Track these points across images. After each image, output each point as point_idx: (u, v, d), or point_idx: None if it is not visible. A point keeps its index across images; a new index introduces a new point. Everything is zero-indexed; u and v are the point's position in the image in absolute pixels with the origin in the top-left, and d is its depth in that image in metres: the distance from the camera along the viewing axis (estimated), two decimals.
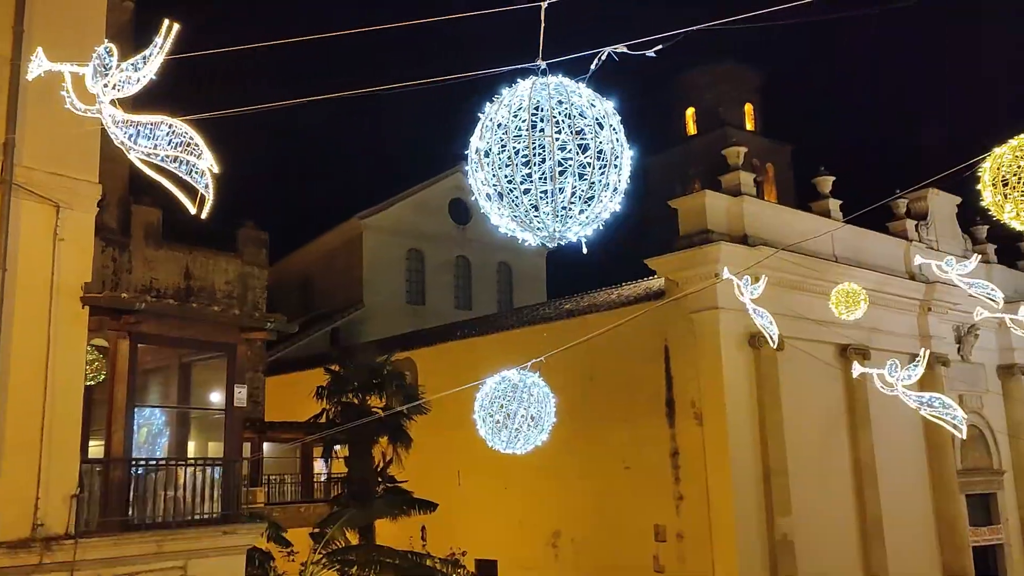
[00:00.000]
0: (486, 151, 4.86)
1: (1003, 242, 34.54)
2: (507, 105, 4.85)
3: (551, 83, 4.82)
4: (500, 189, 4.80)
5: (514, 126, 4.77)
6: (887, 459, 26.35)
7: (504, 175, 4.78)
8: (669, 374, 24.35)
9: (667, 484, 23.83)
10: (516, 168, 4.73)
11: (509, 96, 4.90)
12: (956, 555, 27.77)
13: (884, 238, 29.51)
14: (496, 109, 4.90)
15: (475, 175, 4.94)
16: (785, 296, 23.65)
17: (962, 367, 30.63)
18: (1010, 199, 7.37)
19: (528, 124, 4.76)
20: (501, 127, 4.81)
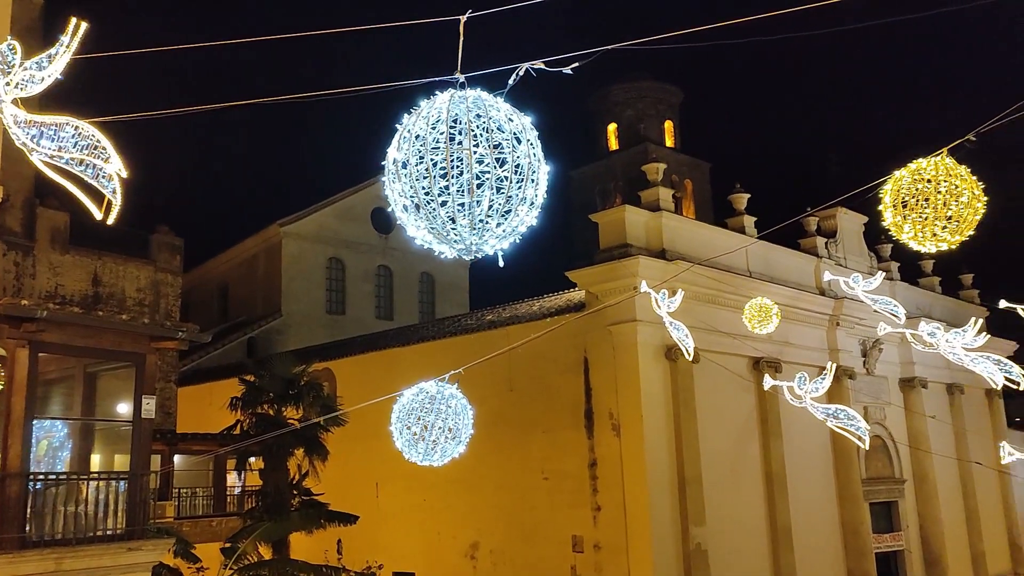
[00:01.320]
0: (403, 162, 4.84)
1: (906, 260, 36.13)
2: (425, 117, 4.85)
3: (469, 96, 4.84)
4: (417, 201, 4.79)
5: (432, 138, 4.77)
6: (797, 468, 27.16)
7: (421, 187, 4.77)
8: (588, 385, 24.59)
9: (585, 495, 24.03)
10: (433, 180, 4.73)
11: (427, 108, 4.89)
12: (860, 561, 28.77)
13: (796, 255, 30.50)
14: (414, 121, 4.89)
15: (392, 186, 4.92)
16: (701, 310, 24.18)
17: (867, 380, 31.83)
18: (908, 220, 7.72)
19: (446, 136, 4.77)
20: (419, 139, 4.80)
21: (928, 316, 30.87)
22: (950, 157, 7.60)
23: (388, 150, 4.97)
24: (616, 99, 58.34)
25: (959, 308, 38.02)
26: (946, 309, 37.17)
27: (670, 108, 59.00)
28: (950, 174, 7.53)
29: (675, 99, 59.59)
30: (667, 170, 30.55)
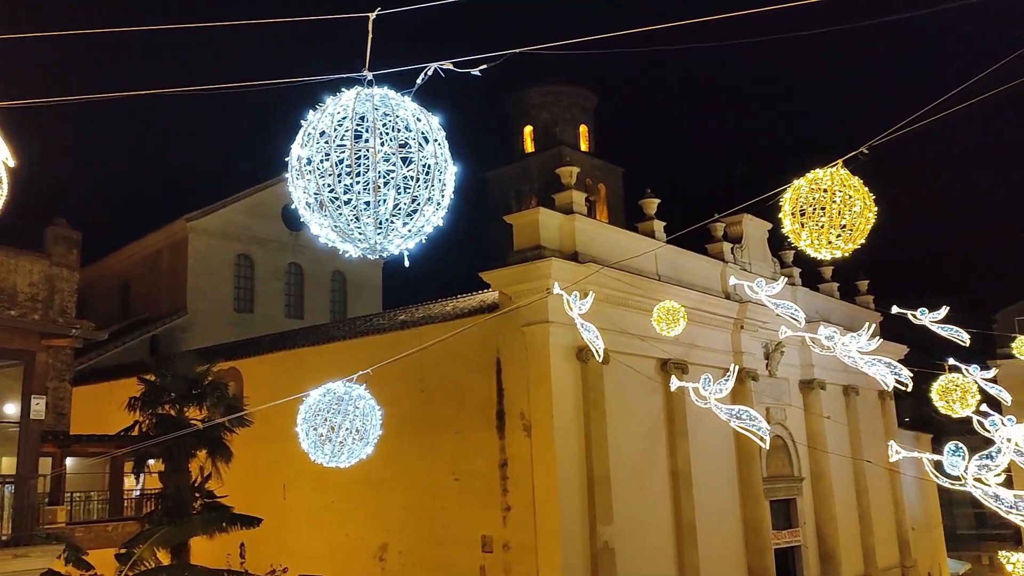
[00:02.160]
0: (308, 159, 4.76)
1: (807, 266, 37.51)
2: (331, 114, 4.77)
3: (376, 94, 4.79)
4: (321, 199, 4.71)
5: (337, 135, 4.70)
6: (702, 467, 27.86)
7: (326, 184, 4.69)
8: (500, 386, 24.67)
9: (495, 495, 24.10)
10: (338, 178, 4.66)
11: (333, 105, 4.81)
12: (760, 557, 29.71)
13: (703, 259, 31.28)
14: (319, 117, 4.81)
15: (296, 183, 4.82)
16: (612, 312, 24.55)
17: (769, 382, 32.89)
18: (806, 228, 8.03)
19: (352, 134, 4.70)
20: (324, 136, 4.72)
21: (827, 320, 32.12)
22: (845, 168, 7.93)
23: (292, 146, 4.87)
24: (532, 102, 58.77)
25: (855, 313, 39.64)
26: (843, 314, 38.71)
27: (585, 112, 59.78)
28: (844, 184, 7.86)
29: (590, 103, 60.40)
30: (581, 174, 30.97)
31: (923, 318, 12.16)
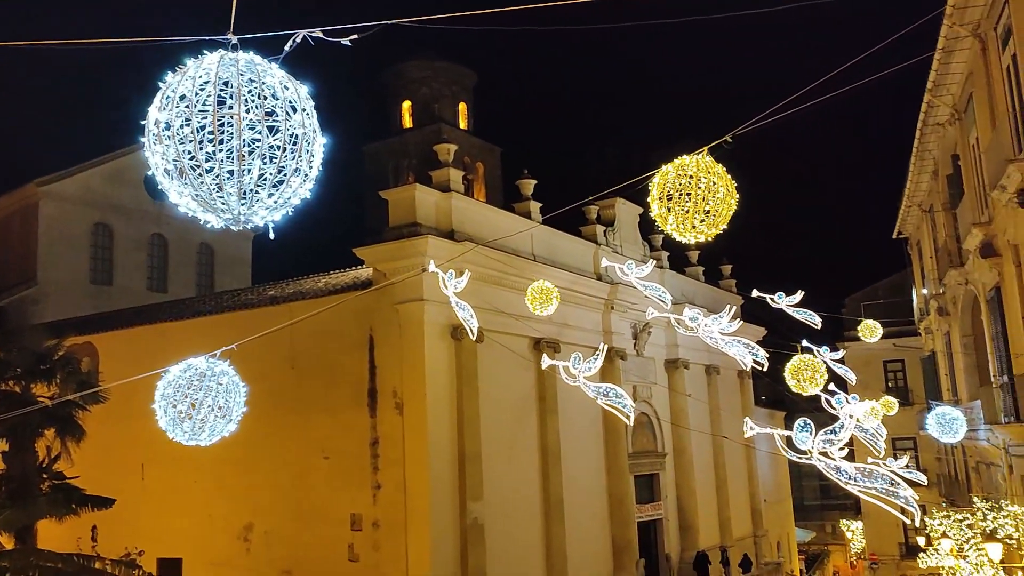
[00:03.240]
0: (167, 123, 4.51)
1: (674, 250, 38.83)
2: (192, 77, 4.54)
3: (241, 60, 4.59)
4: (181, 166, 4.49)
5: (199, 100, 4.48)
6: (570, 444, 28.54)
7: (186, 151, 4.47)
8: (373, 363, 24.44)
9: (366, 473, 23.92)
10: (199, 145, 4.45)
11: (195, 68, 4.58)
12: (624, 529, 30.77)
13: (577, 241, 31.88)
14: (179, 80, 4.57)
15: (153, 148, 4.56)
16: (487, 291, 24.70)
17: (637, 361, 33.97)
18: (673, 212, 8.30)
19: (214, 99, 4.49)
20: (184, 100, 4.49)
21: (692, 303, 33.35)
22: (710, 156, 8.23)
23: (150, 109, 4.61)
24: (411, 76, 58.04)
25: (718, 295, 41.39)
26: (707, 296, 40.35)
27: (464, 90, 59.54)
28: (709, 171, 8.17)
29: (469, 82, 60.19)
30: (459, 152, 30.88)
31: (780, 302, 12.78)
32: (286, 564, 25.04)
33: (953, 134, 23.41)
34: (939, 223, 27.42)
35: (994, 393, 19.93)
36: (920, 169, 28.98)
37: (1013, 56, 16.06)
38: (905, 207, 33.72)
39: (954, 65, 20.74)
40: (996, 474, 22.70)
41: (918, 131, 25.95)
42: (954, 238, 24.78)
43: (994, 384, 20.20)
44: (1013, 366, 18.31)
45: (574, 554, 27.51)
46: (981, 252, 19.52)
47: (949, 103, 22.60)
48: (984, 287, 21.04)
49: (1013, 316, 18.09)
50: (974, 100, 19.89)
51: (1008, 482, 20.78)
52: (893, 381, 47.04)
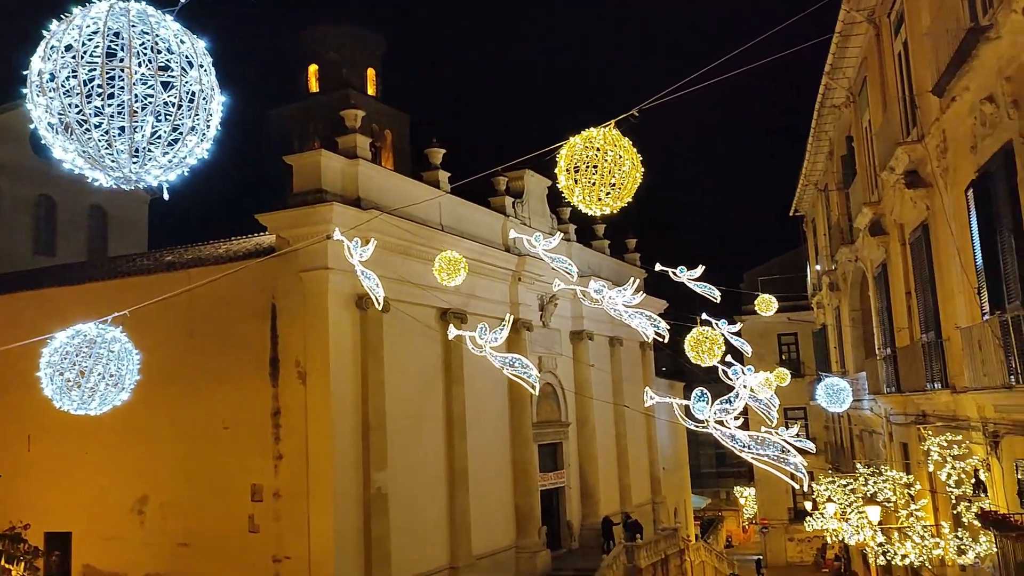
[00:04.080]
0: (51, 75, 4.25)
1: (581, 223, 39.28)
2: (79, 27, 4.27)
3: (133, 10, 4.35)
4: (67, 120, 4.23)
5: (87, 51, 4.23)
6: (476, 414, 28.71)
7: (72, 105, 4.22)
8: (275, 333, 23.93)
9: (267, 443, 23.50)
10: (87, 99, 4.20)
11: (82, 17, 4.32)
12: (527, 497, 31.26)
13: (485, 212, 31.86)
14: (65, 29, 4.30)
15: (36, 101, 4.29)
16: (393, 260, 24.47)
17: (543, 332, 34.34)
18: (580, 184, 8.37)
19: (103, 51, 4.25)
20: (70, 50, 4.23)
21: (597, 275, 33.88)
22: (617, 129, 8.31)
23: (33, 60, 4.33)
24: (319, 40, 56.53)
25: (623, 269, 42.15)
26: (612, 269, 41.04)
27: (373, 56, 58.40)
28: (616, 144, 8.26)
29: (378, 48, 59.05)
30: (367, 118, 30.28)
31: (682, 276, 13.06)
32: (183, 537, 24.46)
33: (848, 116, 24.34)
34: (833, 202, 28.56)
35: (878, 365, 20.99)
36: (817, 150, 30.07)
37: (904, 43, 16.76)
38: (802, 186, 34.97)
39: (850, 50, 21.52)
40: (878, 441, 23.99)
41: (815, 112, 26.89)
42: (846, 217, 25.87)
43: (878, 356, 21.28)
44: (896, 339, 19.31)
45: (478, 522, 27.81)
46: (870, 230, 20.44)
47: (845, 86, 23.45)
48: (872, 264, 22.06)
49: (897, 292, 19.04)
50: (868, 84, 20.71)
51: (888, 449, 22.00)
52: (786, 353, 49.08)
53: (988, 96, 11.34)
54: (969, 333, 12.60)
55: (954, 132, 13.41)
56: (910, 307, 17.86)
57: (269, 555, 23.00)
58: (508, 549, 30.23)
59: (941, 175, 14.38)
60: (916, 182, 15.66)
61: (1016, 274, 10.84)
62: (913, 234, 17.07)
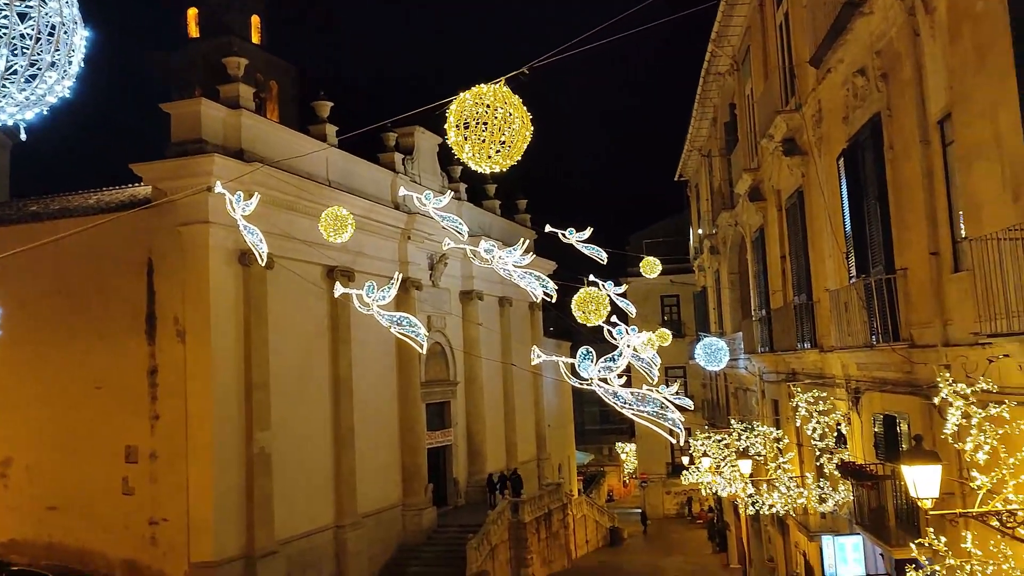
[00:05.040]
0: None
1: (472, 183, 39.18)
2: None
3: None
4: None
5: None
6: (363, 373, 28.47)
7: None
8: (152, 288, 23.01)
9: (143, 403, 22.68)
10: None
11: None
12: (414, 456, 31.36)
13: (374, 168, 31.32)
14: None
15: None
16: (278, 216, 23.82)
17: (432, 291, 34.24)
18: (469, 141, 8.29)
19: None
20: None
21: (488, 235, 34.01)
22: (507, 86, 8.25)
23: None
24: None
25: (513, 229, 42.39)
26: (503, 230, 41.21)
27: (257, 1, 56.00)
28: (506, 102, 8.20)
29: None
30: (251, 68, 29.18)
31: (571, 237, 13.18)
32: (52, 500, 23.43)
33: (732, 84, 25.03)
34: (716, 168, 29.45)
35: (753, 326, 21.94)
36: (701, 116, 30.86)
37: (786, 14, 17.30)
38: (687, 151, 35.88)
39: (735, 19, 22.07)
40: (751, 399, 25.18)
41: (701, 79, 27.54)
42: (728, 182, 26.73)
43: (754, 318, 22.23)
44: (770, 301, 20.21)
45: (364, 481, 27.74)
46: (749, 196, 21.20)
47: (730, 54, 24.07)
48: (750, 229, 22.92)
49: (773, 256, 19.88)
50: (751, 53, 21.32)
51: (760, 405, 23.12)
52: (669, 315, 50.66)
53: (860, 69, 11.86)
54: (836, 295, 13.29)
55: (829, 103, 13.99)
56: (784, 270, 18.68)
57: (145, 518, 22.34)
58: (395, 507, 30.33)
59: (816, 144, 15.01)
60: (793, 150, 16.29)
61: (880, 240, 11.47)
62: (789, 200, 17.79)
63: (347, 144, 28.96)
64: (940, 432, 8.05)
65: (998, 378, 7.93)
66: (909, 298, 10.71)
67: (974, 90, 8.22)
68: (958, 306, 9.21)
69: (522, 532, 31.29)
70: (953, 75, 8.78)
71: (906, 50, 10.34)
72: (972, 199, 8.41)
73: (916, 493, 8.03)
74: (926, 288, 10.06)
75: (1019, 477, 7.37)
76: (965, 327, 8.71)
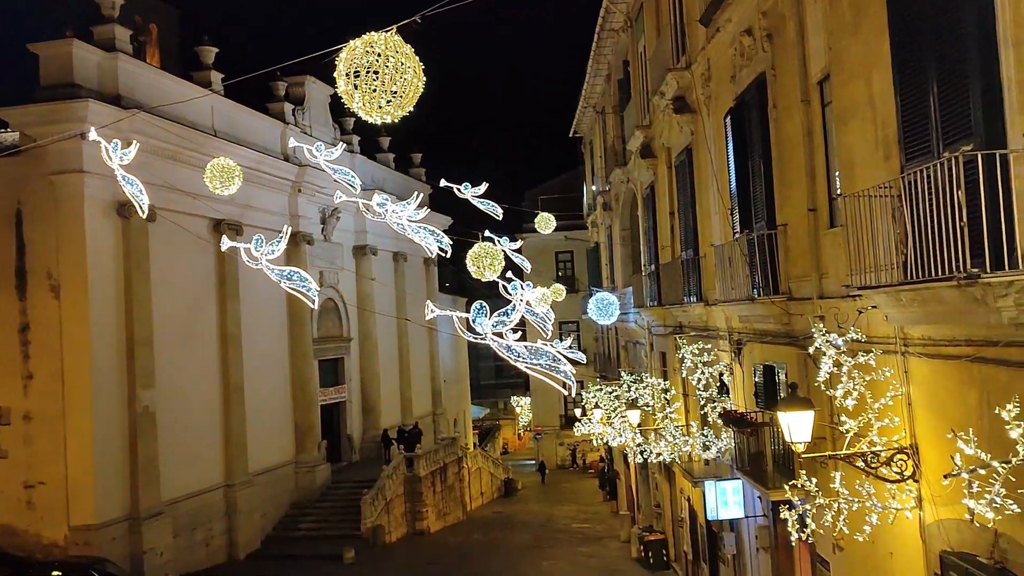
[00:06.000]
0: None
1: (366, 135, 38.42)
2: None
3: None
4: None
5: None
6: (253, 329, 27.78)
7: None
8: (22, 240, 21.76)
9: (14, 362, 21.54)
10: None
11: None
12: (306, 413, 30.97)
13: (263, 118, 30.27)
14: None
15: None
16: (160, 166, 22.80)
17: (325, 246, 33.59)
18: (360, 90, 8.08)
19: None
20: None
21: (382, 189, 33.41)
22: (398, 35, 8.06)
23: None
24: None
25: (409, 184, 41.82)
26: (397, 184, 40.63)
27: None
28: (397, 51, 8.01)
29: None
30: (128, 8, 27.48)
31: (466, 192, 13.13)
32: None
33: (626, 41, 25.26)
34: (609, 124, 29.79)
35: (643, 281, 22.49)
36: (596, 72, 31.05)
37: None
38: (581, 108, 36.13)
39: None
40: (641, 352, 25.91)
41: (596, 36, 27.65)
42: (621, 139, 27.11)
43: (644, 273, 22.78)
44: (659, 256, 20.73)
45: (256, 439, 27.24)
46: (641, 153, 21.58)
47: (624, 11, 24.24)
48: (642, 185, 23.37)
49: (662, 212, 20.35)
50: (644, 10, 21.52)
51: (649, 358, 23.83)
52: (563, 270, 51.41)
53: (747, 29, 12.15)
54: (721, 251, 13.74)
55: (717, 61, 14.30)
56: (673, 227, 19.16)
57: (19, 481, 21.36)
58: (287, 464, 29.96)
59: (705, 102, 15.35)
60: (683, 108, 16.63)
61: (763, 197, 11.88)
62: (679, 158, 18.19)
63: (234, 93, 27.84)
64: (814, 380, 8.48)
65: (867, 328, 8.40)
66: (788, 253, 11.17)
67: (850, 51, 8.53)
68: (833, 260, 9.66)
69: (417, 486, 31.48)
70: (832, 36, 9.09)
71: (790, 11, 10.64)
72: (847, 157, 8.78)
73: (790, 438, 8.45)
74: (804, 243, 10.50)
75: (883, 420, 7.87)
76: (839, 280, 9.15)
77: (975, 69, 6.11)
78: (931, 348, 7.39)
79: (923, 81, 6.81)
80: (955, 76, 6.38)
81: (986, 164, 5.58)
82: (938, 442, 7.30)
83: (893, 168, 7.37)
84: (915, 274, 6.47)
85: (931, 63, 6.69)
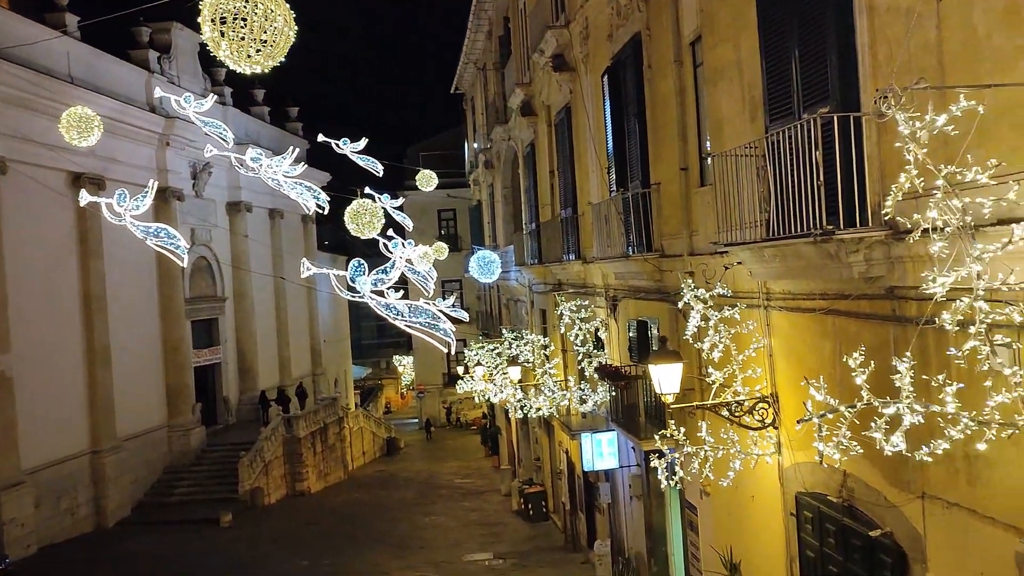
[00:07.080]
0: None
1: (239, 88, 36.89)
2: None
3: None
4: None
5: None
6: (120, 289, 26.48)
7: None
8: None
9: None
10: None
11: None
12: (179, 375, 29.90)
13: (125, 66, 28.53)
14: None
15: None
16: (11, 114, 21.28)
17: (196, 202, 32.22)
18: (227, 38, 7.70)
19: None
20: None
21: (256, 143, 32.21)
22: None
23: None
24: None
25: (285, 138, 40.50)
26: (273, 138, 39.27)
27: None
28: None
29: None
30: None
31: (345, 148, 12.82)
32: None
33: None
34: (490, 81, 29.65)
35: (524, 239, 22.68)
36: (477, 28, 30.77)
37: None
38: (463, 64, 35.78)
39: None
40: (522, 309, 26.23)
41: None
42: (502, 96, 27.05)
43: (525, 231, 22.96)
44: (540, 215, 20.93)
45: (125, 403, 26.10)
46: (521, 111, 21.61)
47: None
48: (522, 143, 23.45)
49: (543, 170, 20.52)
50: None
51: (530, 315, 24.16)
52: (446, 228, 51.24)
53: None
54: (598, 209, 13.99)
55: (595, 20, 14.40)
56: (553, 185, 19.36)
57: None
58: (160, 428, 28.92)
59: (583, 60, 15.47)
60: (562, 65, 16.70)
61: (639, 156, 12.14)
62: (558, 116, 18.32)
63: (94, 39, 26.13)
64: (683, 334, 8.80)
65: (732, 284, 8.77)
66: (661, 211, 11.49)
67: (720, 14, 8.76)
68: (703, 219, 10.00)
69: (297, 447, 31.04)
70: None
71: None
72: (716, 118, 9.06)
73: (660, 390, 8.78)
74: (676, 202, 10.82)
75: (747, 372, 8.27)
76: (708, 237, 9.49)
77: (833, 35, 6.40)
78: (791, 302, 7.79)
79: (786, 45, 7.08)
80: (815, 41, 6.66)
81: (841, 126, 5.86)
82: (795, 391, 7.75)
83: (758, 129, 7.66)
84: (777, 231, 6.78)
85: (794, 28, 6.96)
